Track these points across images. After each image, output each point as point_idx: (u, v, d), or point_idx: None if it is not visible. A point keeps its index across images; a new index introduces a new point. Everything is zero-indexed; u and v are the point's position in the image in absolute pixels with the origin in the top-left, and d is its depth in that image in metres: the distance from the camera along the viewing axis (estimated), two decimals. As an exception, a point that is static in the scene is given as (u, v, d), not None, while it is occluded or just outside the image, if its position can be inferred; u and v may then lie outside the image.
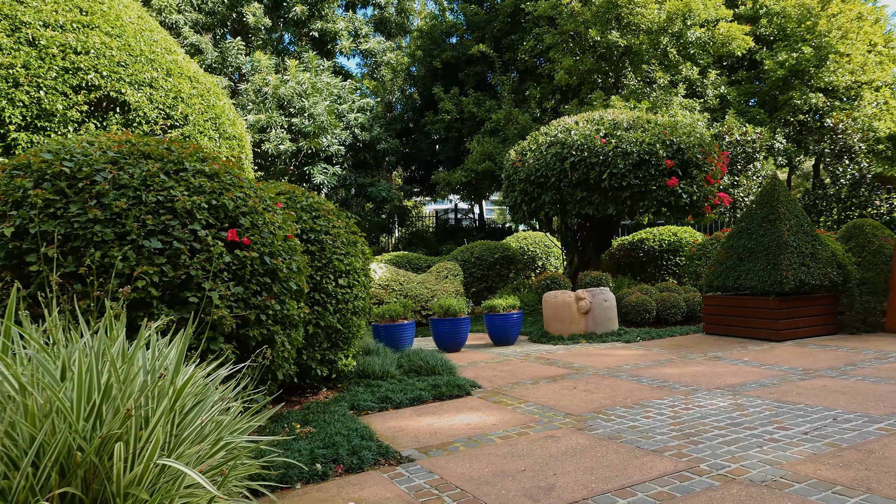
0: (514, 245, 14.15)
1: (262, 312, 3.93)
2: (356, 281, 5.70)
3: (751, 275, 7.81)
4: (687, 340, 8.02)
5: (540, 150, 11.12)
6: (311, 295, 5.32)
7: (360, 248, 5.91)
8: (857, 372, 5.63)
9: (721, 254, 8.35)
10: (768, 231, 7.79)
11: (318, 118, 15.25)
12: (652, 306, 9.08)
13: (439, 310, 8.07)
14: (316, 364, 5.44)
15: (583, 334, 8.53)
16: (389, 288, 11.54)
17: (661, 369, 6.17)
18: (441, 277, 12.23)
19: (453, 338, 7.99)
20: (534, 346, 8.24)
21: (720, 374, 5.81)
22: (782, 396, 4.79)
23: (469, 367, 6.83)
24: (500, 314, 8.33)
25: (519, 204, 11.52)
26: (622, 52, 16.56)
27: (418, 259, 13.52)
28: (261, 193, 4.32)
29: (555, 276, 9.98)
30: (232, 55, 16.71)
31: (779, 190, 7.97)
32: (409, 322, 7.76)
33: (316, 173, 15.98)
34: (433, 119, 19.89)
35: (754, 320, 7.82)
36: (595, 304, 8.61)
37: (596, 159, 10.26)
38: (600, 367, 6.46)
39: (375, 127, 18.23)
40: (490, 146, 17.32)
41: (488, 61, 19.96)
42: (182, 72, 8.04)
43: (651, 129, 10.60)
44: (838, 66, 17.30)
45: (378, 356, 6.51)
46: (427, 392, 5.43)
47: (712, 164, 10.69)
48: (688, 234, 13.33)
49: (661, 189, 10.15)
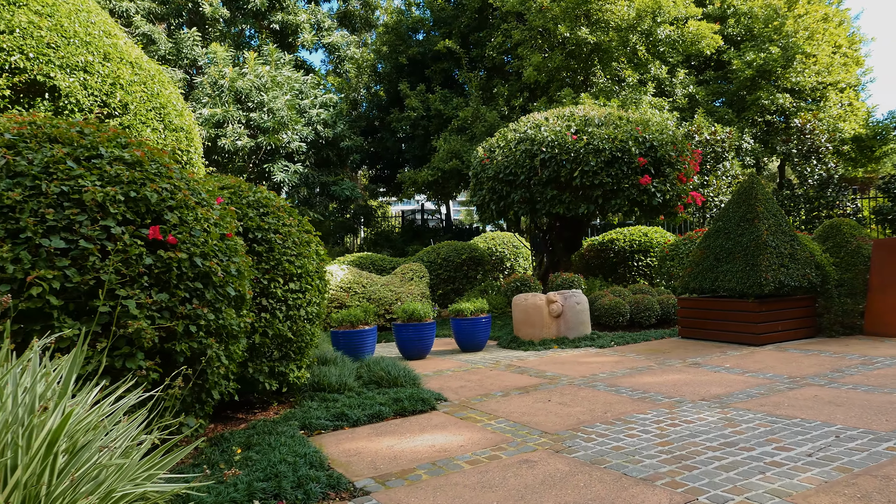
0: (482, 245, 13.72)
1: (193, 323, 3.38)
2: (309, 284, 5.16)
3: (729, 276, 7.49)
4: (663, 345, 7.66)
5: (509, 146, 10.69)
6: (258, 301, 4.77)
7: (314, 248, 5.37)
8: (847, 379, 5.30)
9: (697, 254, 8.02)
10: (746, 231, 7.48)
11: (278, 113, 14.59)
12: (626, 309, 8.71)
13: (403, 315, 7.56)
14: (264, 377, 4.89)
15: (554, 339, 8.11)
16: (352, 291, 10.98)
17: (640, 378, 5.76)
18: (406, 279, 11.72)
19: (418, 344, 7.49)
20: (503, 353, 7.79)
21: (703, 382, 5.43)
22: (774, 409, 4.41)
23: (434, 377, 6.33)
24: (468, 318, 7.86)
25: (487, 203, 11.07)
26: (591, 49, 16.28)
27: (382, 260, 12.99)
28: (194, 186, 3.76)
29: (524, 277, 9.55)
30: (187, 46, 15.93)
31: (756, 188, 7.67)
32: (370, 328, 7.23)
33: (276, 171, 15.31)
34: (399, 116, 19.36)
35: (733, 323, 7.50)
36: (567, 307, 8.20)
37: (567, 156, 9.87)
38: (575, 375, 6.03)
39: (339, 124, 17.62)
40: (457, 144, 16.86)
41: (455, 58, 19.50)
42: (122, 56, 7.38)
43: (623, 125, 10.25)
44: (805, 67, 17.30)
45: (335, 366, 5.97)
46: (388, 407, 4.92)
47: (685, 162, 10.40)
48: (658, 235, 13.06)
49: (634, 187, 9.81)
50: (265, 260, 4.81)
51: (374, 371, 5.90)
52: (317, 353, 6.30)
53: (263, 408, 5.32)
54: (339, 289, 10.92)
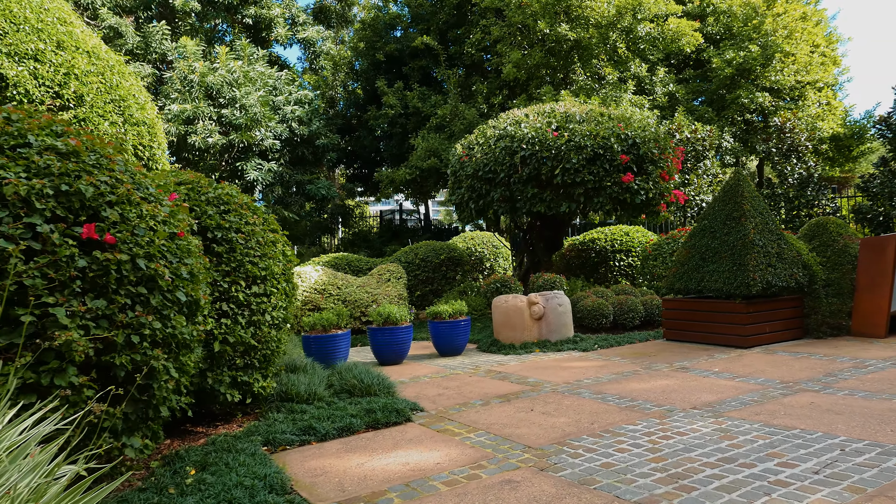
0: (461, 245, 13.41)
1: (135, 332, 3.01)
2: (275, 288, 4.80)
3: (715, 276, 7.25)
4: (648, 348, 7.41)
5: (488, 143, 10.39)
6: (218, 306, 4.40)
7: (280, 248, 5.01)
8: (842, 384, 5.07)
9: (682, 254, 7.78)
10: (733, 229, 7.25)
11: (251, 109, 14.14)
12: (609, 311, 8.46)
13: (378, 318, 7.21)
14: (225, 388, 4.52)
15: (536, 342, 7.82)
16: (326, 293, 10.60)
17: (626, 384, 5.48)
18: (383, 280, 11.36)
19: (394, 349, 7.15)
20: (483, 357, 7.48)
21: (693, 389, 5.17)
22: (771, 418, 4.14)
23: (411, 384, 6.00)
24: (446, 321, 7.53)
25: (466, 201, 10.76)
26: (571, 45, 16.05)
27: (359, 261, 12.61)
28: (141, 180, 3.39)
29: (505, 278, 9.26)
30: (156, 40, 15.39)
31: (743, 185, 7.45)
32: (343, 332, 6.87)
33: (249, 169, 14.86)
34: (376, 114, 18.98)
35: (719, 325, 7.27)
36: (549, 309, 7.92)
37: (548, 153, 9.60)
38: (558, 382, 5.73)
39: (315, 121, 17.20)
40: (435, 142, 16.53)
41: (433, 54, 19.17)
42: (78, 45, 6.94)
43: (605, 122, 10.01)
44: (784, 66, 17.26)
45: (305, 374, 5.61)
46: (359, 419, 4.58)
47: (667, 159, 10.18)
48: (640, 234, 12.86)
49: (616, 185, 9.56)
50: (225, 261, 4.44)
51: (347, 379, 5.55)
52: (286, 360, 5.93)
53: (226, 420, 4.95)
54: (314, 291, 10.54)
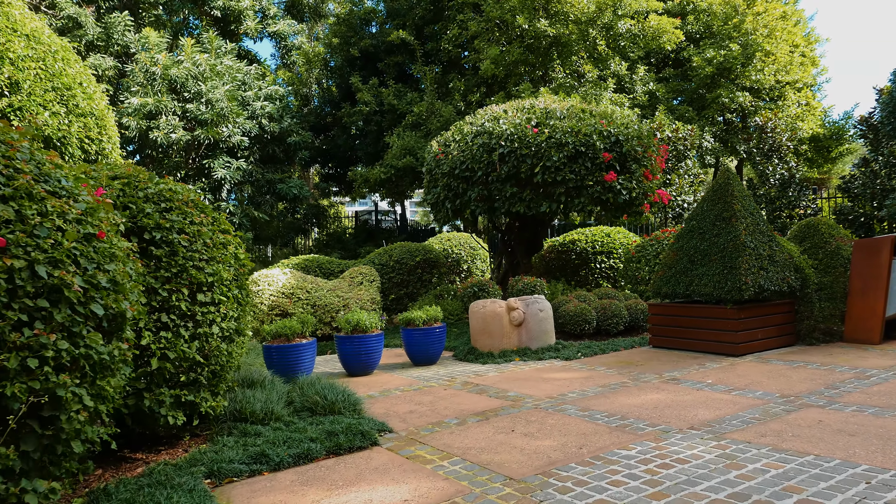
0: (437, 247, 12.92)
1: (33, 355, 2.48)
2: (224, 296, 4.26)
3: (705, 280, 6.86)
4: (634, 356, 6.99)
5: (465, 140, 9.92)
6: (156, 317, 3.86)
7: (231, 251, 4.47)
8: (847, 398, 4.68)
9: (669, 256, 7.38)
10: (723, 230, 6.87)
11: (217, 104, 13.49)
12: (592, 316, 8.03)
13: (346, 326, 6.69)
14: (167, 409, 3.98)
15: (516, 350, 7.36)
16: (295, 297, 10.05)
17: (614, 398, 5.04)
18: (355, 284, 10.84)
19: (363, 359, 6.64)
20: (460, 367, 7.00)
21: (687, 404, 4.74)
22: (779, 441, 3.72)
23: (380, 399, 5.50)
24: (420, 329, 7.04)
25: (442, 201, 10.27)
26: (551, 42, 15.67)
27: (330, 263, 12.06)
28: (49, 170, 2.84)
29: (483, 282, 8.79)
30: (118, 31, 14.67)
31: (732, 183, 7.07)
32: (308, 342, 6.34)
33: (217, 167, 14.20)
34: (350, 111, 18.41)
35: (709, 332, 6.87)
36: (529, 314, 7.46)
37: (528, 151, 9.16)
38: (541, 396, 5.27)
39: (286, 118, 16.58)
40: (411, 140, 16.02)
41: (409, 50, 18.66)
42: (15, 28, 6.33)
43: (587, 119, 9.60)
44: (765, 65, 17.07)
45: (263, 390, 5.08)
46: (320, 443, 4.07)
47: (651, 158, 9.81)
48: (621, 235, 12.49)
49: (599, 184, 9.15)
50: (165, 266, 3.90)
51: (308, 395, 5.03)
52: (242, 375, 5.39)
53: (172, 444, 4.41)
54: (281, 295, 9.99)
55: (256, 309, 9.88)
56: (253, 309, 9.98)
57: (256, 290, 10.04)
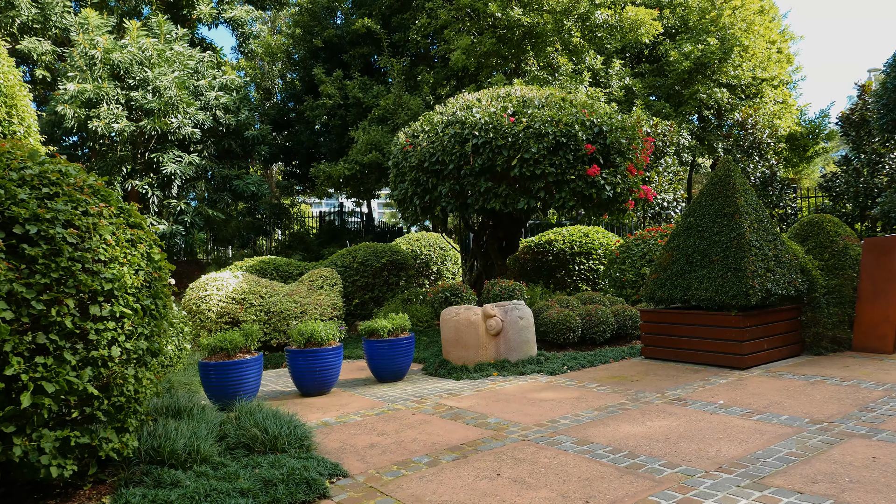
0: (405, 247, 12.03)
1: None
2: (131, 307, 3.33)
3: (706, 283, 6.11)
4: (627, 369, 6.20)
5: (435, 130, 9.06)
6: (30, 338, 2.92)
7: (142, 251, 3.54)
8: (891, 424, 3.94)
9: (664, 257, 6.62)
10: (725, 228, 6.13)
11: (165, 92, 12.39)
12: (577, 323, 7.23)
13: (299, 338, 5.77)
14: (49, 458, 3.03)
15: (493, 363, 6.52)
16: (247, 302, 9.07)
17: (616, 426, 4.23)
18: (315, 288, 9.89)
19: (318, 377, 5.72)
20: (430, 383, 6.13)
21: (704, 434, 3.95)
22: (838, 491, 2.94)
23: (336, 427, 4.60)
24: (385, 340, 6.15)
25: (410, 197, 9.39)
26: (524, 32, 14.91)
27: (288, 265, 11.08)
28: None
29: (455, 286, 7.95)
30: (56, 13, 13.45)
31: (734, 176, 6.35)
32: (252, 358, 5.40)
33: (166, 162, 13.08)
34: (313, 104, 17.40)
35: (710, 342, 6.12)
36: (508, 322, 6.63)
37: (504, 141, 8.34)
38: (528, 423, 4.44)
39: (243, 110, 15.51)
40: (377, 135, 15.10)
41: (375, 40, 17.74)
42: None
43: (568, 108, 8.82)
44: (743, 60, 16.59)
45: (191, 420, 4.14)
46: (251, 499, 3.17)
47: (636, 151, 9.07)
48: (600, 235, 11.78)
49: (581, 179, 8.37)
50: (42, 270, 2.96)
51: (246, 428, 4.11)
52: (167, 402, 4.44)
53: (66, 496, 3.46)
54: (231, 300, 9.00)
55: (203, 316, 8.88)
56: (199, 317, 8.98)
57: (203, 295, 9.03)
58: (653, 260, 8.99)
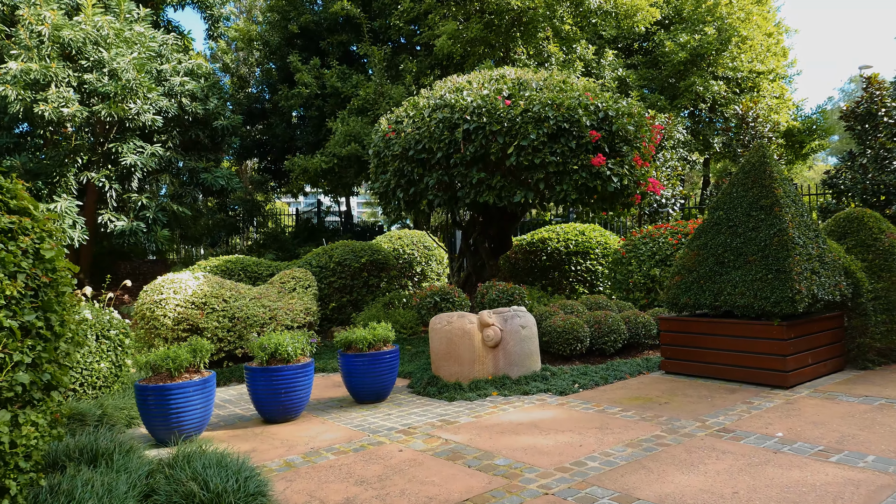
0: (387, 246, 11.05)
1: None
2: (1, 326, 2.33)
3: (741, 287, 5.23)
4: (649, 388, 5.31)
5: (421, 115, 8.11)
6: None
7: (26, 245, 2.54)
8: None
9: (689, 258, 5.73)
10: (763, 222, 5.26)
11: (123, 75, 11.26)
12: (585, 332, 6.31)
13: (261, 353, 4.78)
14: None
15: (491, 379, 5.58)
16: (208, 307, 8.01)
17: (662, 473, 3.31)
18: (286, 290, 8.88)
19: (284, 401, 4.74)
20: (418, 406, 5.17)
21: (782, 487, 3.04)
22: None
23: (304, 472, 3.62)
24: (365, 355, 5.18)
25: (392, 190, 8.43)
26: (514, 18, 14.01)
27: (258, 265, 10.04)
28: None
29: (445, 290, 7.00)
30: (3, -11, 12.23)
31: (770, 162, 5.48)
32: (201, 379, 4.39)
33: (126, 152, 11.94)
34: (288, 94, 16.33)
35: (747, 356, 5.24)
36: (508, 332, 5.69)
37: (499, 127, 7.41)
38: (546, 465, 3.50)
39: (212, 98, 14.38)
40: (357, 126, 14.10)
41: (355, 26, 16.73)
42: None
43: (569, 90, 7.93)
44: (741, 52, 15.85)
45: (108, 470, 3.14)
46: None
47: (644, 139, 8.20)
48: (598, 234, 10.90)
49: (585, 169, 7.47)
50: None
51: (180, 480, 3.12)
52: (82, 442, 3.43)
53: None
54: (191, 305, 7.94)
55: (158, 323, 7.81)
56: (154, 323, 7.92)
57: (158, 299, 7.96)
58: (664, 260, 8.12)
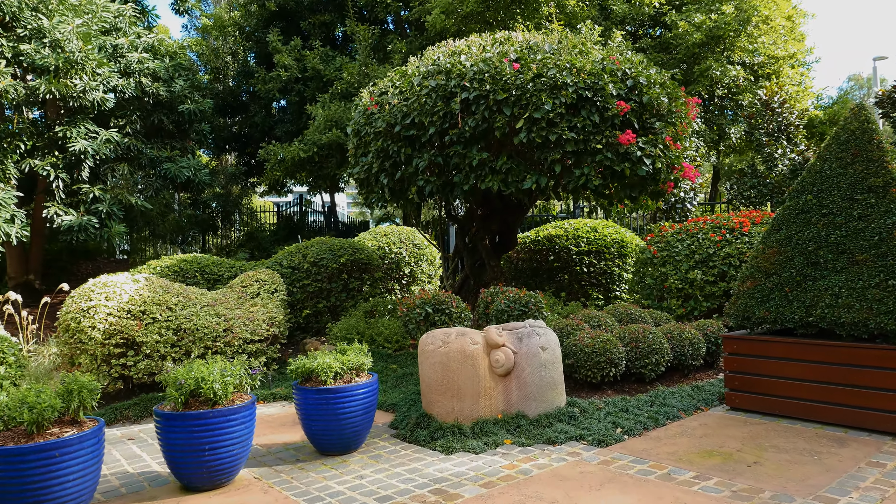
0: (370, 244, 9.58)
1: None
2: None
3: (846, 297, 3.82)
4: (718, 435, 3.88)
5: (410, 83, 6.65)
6: None
7: None
8: None
9: (765, 257, 4.31)
10: (875, 208, 3.85)
11: (67, 46, 9.77)
12: (620, 353, 4.88)
13: (175, 393, 3.31)
14: None
15: (501, 419, 4.14)
16: (149, 316, 6.52)
17: None
18: (248, 295, 7.41)
19: (210, 461, 3.27)
20: (404, 460, 3.71)
21: None
22: None
23: None
24: (331, 390, 3.72)
25: (375, 175, 6.97)
26: (514, -10, 12.60)
27: (218, 265, 8.56)
28: None
29: (440, 297, 5.55)
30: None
31: (874, 129, 4.08)
32: (78, 435, 2.91)
33: (76, 137, 10.43)
34: (266, 77, 14.85)
35: (856, 392, 3.83)
36: (525, 356, 4.25)
37: (505, 95, 5.97)
38: None
39: (178, 80, 12.87)
40: (339, 111, 12.64)
41: (338, 6, 15.27)
42: None
43: (591, 53, 6.52)
44: (762, 33, 14.50)
45: None
46: None
47: (679, 115, 6.79)
48: (612, 230, 9.50)
49: (610, 148, 6.04)
50: None
51: None
52: None
53: None
54: (127, 314, 6.45)
55: (84, 336, 6.29)
56: (80, 336, 6.42)
57: (86, 306, 6.44)
58: (704, 261, 6.70)
